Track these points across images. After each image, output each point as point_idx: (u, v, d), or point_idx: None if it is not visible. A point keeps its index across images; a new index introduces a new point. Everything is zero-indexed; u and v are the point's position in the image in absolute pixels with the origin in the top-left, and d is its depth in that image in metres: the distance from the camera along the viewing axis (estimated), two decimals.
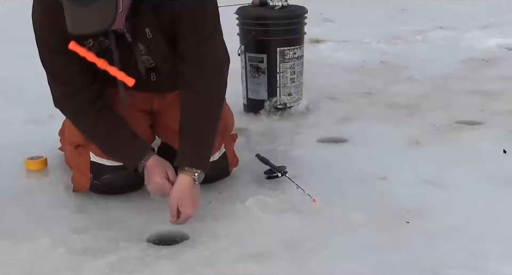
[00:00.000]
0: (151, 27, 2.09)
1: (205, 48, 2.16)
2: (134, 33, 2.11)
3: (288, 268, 1.91)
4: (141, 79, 2.21)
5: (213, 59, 2.19)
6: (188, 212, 2.09)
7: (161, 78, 2.28)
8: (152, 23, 2.09)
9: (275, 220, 2.18)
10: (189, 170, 2.10)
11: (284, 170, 2.45)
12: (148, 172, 2.14)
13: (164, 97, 2.39)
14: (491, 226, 2.12)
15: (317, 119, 3.25)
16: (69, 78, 2.18)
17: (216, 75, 2.21)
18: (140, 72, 2.18)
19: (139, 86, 2.14)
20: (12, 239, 2.07)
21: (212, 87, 2.20)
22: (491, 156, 2.70)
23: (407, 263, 1.91)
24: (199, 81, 2.17)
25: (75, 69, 2.14)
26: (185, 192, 2.08)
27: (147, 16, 2.06)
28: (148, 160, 2.15)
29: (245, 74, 3.30)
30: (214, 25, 2.19)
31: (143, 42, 2.14)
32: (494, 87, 3.72)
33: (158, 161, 2.17)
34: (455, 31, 5.21)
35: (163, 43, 2.15)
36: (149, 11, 2.05)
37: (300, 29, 3.29)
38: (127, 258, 1.96)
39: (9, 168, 2.64)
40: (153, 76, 2.27)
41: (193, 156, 2.13)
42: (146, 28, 2.09)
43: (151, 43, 2.14)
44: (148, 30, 2.10)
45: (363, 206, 2.24)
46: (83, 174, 2.34)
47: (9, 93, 3.56)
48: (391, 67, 4.23)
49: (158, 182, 2.12)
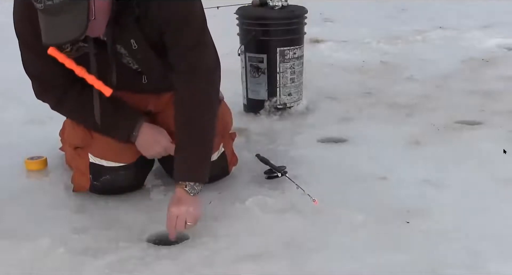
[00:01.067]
0: (136, 38, 2.07)
1: (194, 55, 2.12)
2: (115, 41, 2.07)
3: (288, 268, 1.90)
4: (133, 81, 2.21)
5: (203, 65, 2.14)
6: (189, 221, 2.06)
7: (152, 81, 2.26)
8: (137, 34, 2.06)
9: (275, 220, 2.18)
10: (183, 183, 2.08)
11: (284, 170, 2.45)
12: (147, 136, 2.21)
13: (159, 98, 2.37)
14: (491, 226, 2.12)
15: (317, 119, 3.25)
16: (47, 78, 2.19)
17: (206, 82, 2.17)
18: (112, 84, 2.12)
19: (131, 88, 2.13)
20: (12, 239, 2.07)
21: (202, 95, 2.15)
22: (491, 156, 2.70)
23: (407, 263, 1.91)
24: (189, 89, 2.13)
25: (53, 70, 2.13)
26: (180, 208, 2.05)
27: (131, 27, 2.03)
28: (141, 129, 2.21)
29: (245, 74, 3.30)
30: (201, 28, 2.14)
31: (127, 49, 2.11)
32: (494, 87, 3.72)
33: (152, 126, 2.24)
34: (455, 31, 5.21)
35: (150, 53, 2.12)
36: (133, 22, 2.02)
37: (300, 29, 3.29)
38: (127, 258, 1.96)
39: (9, 168, 2.64)
40: (144, 79, 2.26)
41: (185, 171, 2.10)
42: (131, 39, 2.07)
43: (137, 53, 2.12)
44: (133, 41, 2.08)
45: (363, 206, 2.24)
46: (83, 174, 2.34)
47: (9, 93, 3.56)
48: (391, 67, 4.23)
49: (166, 144, 2.23)
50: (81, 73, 2.05)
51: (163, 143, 2.27)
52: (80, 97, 2.21)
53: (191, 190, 2.08)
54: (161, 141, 2.27)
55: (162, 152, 2.29)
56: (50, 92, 2.24)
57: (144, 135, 2.25)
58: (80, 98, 2.21)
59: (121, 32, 2.05)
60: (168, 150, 2.26)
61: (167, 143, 2.26)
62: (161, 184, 2.45)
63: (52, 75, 2.17)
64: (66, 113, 2.34)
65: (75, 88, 2.20)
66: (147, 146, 2.27)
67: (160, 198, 2.36)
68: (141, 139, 2.25)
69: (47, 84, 2.22)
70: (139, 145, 2.26)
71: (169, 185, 2.41)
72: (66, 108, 2.28)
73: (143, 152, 2.29)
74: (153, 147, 2.27)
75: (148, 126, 2.27)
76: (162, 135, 2.27)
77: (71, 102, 2.24)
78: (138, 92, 2.30)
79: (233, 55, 3.31)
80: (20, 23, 2.09)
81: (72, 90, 2.21)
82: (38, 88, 2.25)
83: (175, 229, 2.05)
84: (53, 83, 2.20)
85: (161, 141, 2.27)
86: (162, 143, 2.27)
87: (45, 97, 2.27)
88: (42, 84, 2.23)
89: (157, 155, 2.32)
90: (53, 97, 2.25)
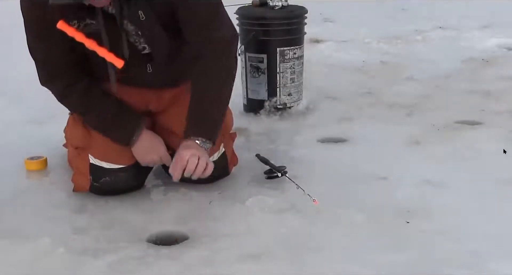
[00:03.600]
0: (144, 9, 2.06)
1: (211, 28, 2.14)
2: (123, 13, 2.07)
3: (288, 268, 1.90)
4: (139, 68, 2.19)
5: (221, 38, 2.16)
6: (201, 164, 2.07)
7: (157, 70, 2.24)
8: (146, 6, 2.06)
9: (275, 220, 2.18)
10: (194, 138, 2.10)
11: (284, 170, 2.45)
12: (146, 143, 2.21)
13: (161, 97, 2.36)
14: (491, 226, 2.12)
15: (317, 119, 3.25)
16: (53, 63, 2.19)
17: (225, 51, 2.19)
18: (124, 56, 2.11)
19: (134, 82, 2.12)
20: (12, 239, 2.07)
21: (221, 62, 2.18)
22: (491, 156, 2.70)
23: (407, 263, 1.91)
24: (207, 62, 2.16)
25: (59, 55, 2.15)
26: (191, 150, 2.07)
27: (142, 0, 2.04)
28: (141, 135, 2.22)
29: (245, 74, 3.30)
30: (217, 3, 2.17)
31: (135, 24, 2.10)
32: (494, 87, 3.71)
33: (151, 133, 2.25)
34: (455, 31, 5.20)
35: (158, 27, 2.11)
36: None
37: (300, 29, 3.29)
38: (127, 258, 1.96)
39: (9, 168, 2.64)
40: (149, 68, 2.24)
41: (197, 127, 2.13)
42: (139, 11, 2.06)
43: (144, 25, 2.10)
44: (141, 13, 2.07)
45: (363, 206, 2.24)
46: (83, 175, 2.34)
47: (9, 93, 3.56)
48: (391, 67, 4.23)
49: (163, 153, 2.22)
50: (92, 46, 2.04)
51: (160, 152, 2.27)
52: (86, 92, 2.22)
53: (201, 144, 2.08)
54: (158, 149, 2.27)
55: (158, 160, 2.29)
56: (56, 80, 2.23)
57: (142, 142, 2.25)
58: (86, 93, 2.22)
59: (129, 5, 2.04)
60: (164, 159, 2.27)
61: (164, 152, 2.27)
62: (161, 184, 2.44)
63: (58, 60, 2.17)
64: (70, 105, 2.33)
65: (82, 82, 2.21)
66: (143, 152, 2.27)
67: (160, 198, 2.36)
68: (139, 145, 2.25)
69: (53, 70, 2.21)
70: (136, 151, 2.26)
71: (169, 185, 2.41)
72: (71, 100, 2.27)
73: (138, 158, 2.28)
74: (150, 154, 2.27)
75: (148, 133, 2.27)
76: (160, 144, 2.28)
77: (76, 95, 2.24)
78: (140, 86, 2.28)
79: None
80: (26, 3, 2.09)
81: (79, 83, 2.22)
82: (44, 75, 2.24)
83: (183, 171, 2.06)
84: (59, 70, 2.20)
85: (159, 150, 2.27)
86: (159, 152, 2.27)
87: (50, 84, 2.27)
88: (48, 70, 2.22)
89: (151, 163, 2.32)
90: (59, 86, 2.24)
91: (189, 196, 2.35)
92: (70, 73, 2.21)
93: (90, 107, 2.24)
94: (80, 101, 2.25)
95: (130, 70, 2.14)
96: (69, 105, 2.33)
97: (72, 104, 2.30)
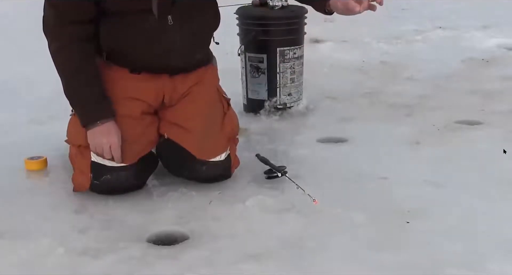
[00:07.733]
0: None
1: None
2: None
3: (288, 268, 1.90)
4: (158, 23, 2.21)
5: None
6: None
7: (178, 22, 2.26)
8: None
9: (275, 220, 2.18)
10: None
11: (284, 170, 2.45)
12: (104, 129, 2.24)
13: (175, 88, 2.38)
14: (491, 226, 2.12)
15: (317, 119, 3.25)
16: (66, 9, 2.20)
17: None
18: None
19: (155, 32, 2.19)
20: (12, 239, 2.07)
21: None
22: (491, 156, 2.70)
23: (407, 263, 1.91)
24: None
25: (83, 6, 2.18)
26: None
27: None
28: (106, 123, 2.25)
29: (245, 74, 3.30)
30: None
31: None
32: (494, 87, 3.72)
33: (115, 127, 2.27)
34: (455, 31, 5.21)
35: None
36: None
37: (300, 29, 3.29)
38: (127, 258, 1.96)
39: (9, 168, 2.64)
40: (170, 20, 2.25)
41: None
42: None
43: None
44: None
45: (363, 206, 2.24)
46: (83, 173, 2.34)
47: (9, 94, 3.56)
48: (391, 67, 4.23)
49: (113, 140, 2.24)
50: None
51: (111, 139, 2.27)
52: (85, 59, 2.24)
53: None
54: (112, 136, 2.27)
55: (105, 144, 2.27)
56: (65, 29, 2.23)
57: (103, 127, 2.26)
58: (86, 59, 2.25)
59: None
60: (113, 146, 2.27)
61: (115, 140, 2.27)
62: (161, 184, 2.45)
63: (78, 11, 2.19)
64: (60, 61, 2.30)
65: (86, 47, 2.24)
66: (97, 134, 2.27)
67: (160, 198, 2.36)
68: (98, 129, 2.27)
69: (68, 17, 2.21)
70: (92, 131, 2.27)
71: (169, 185, 2.41)
72: (65, 56, 2.27)
73: (89, 139, 2.29)
74: (100, 138, 2.27)
75: (112, 124, 2.28)
76: (117, 135, 2.28)
77: (75, 57, 2.25)
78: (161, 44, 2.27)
79: (233, 55, 3.32)
80: None
81: (83, 45, 2.23)
82: (51, 20, 2.24)
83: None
84: (73, 19, 2.20)
85: (112, 137, 2.27)
86: (111, 138, 2.27)
87: (51, 33, 2.26)
88: (62, 19, 2.22)
89: (99, 145, 2.28)
90: (64, 37, 2.24)
91: (189, 196, 2.35)
92: (81, 31, 2.23)
93: (79, 75, 2.26)
94: (73, 64, 2.26)
95: (151, 20, 2.18)
96: (59, 60, 2.29)
97: (63, 62, 2.28)
